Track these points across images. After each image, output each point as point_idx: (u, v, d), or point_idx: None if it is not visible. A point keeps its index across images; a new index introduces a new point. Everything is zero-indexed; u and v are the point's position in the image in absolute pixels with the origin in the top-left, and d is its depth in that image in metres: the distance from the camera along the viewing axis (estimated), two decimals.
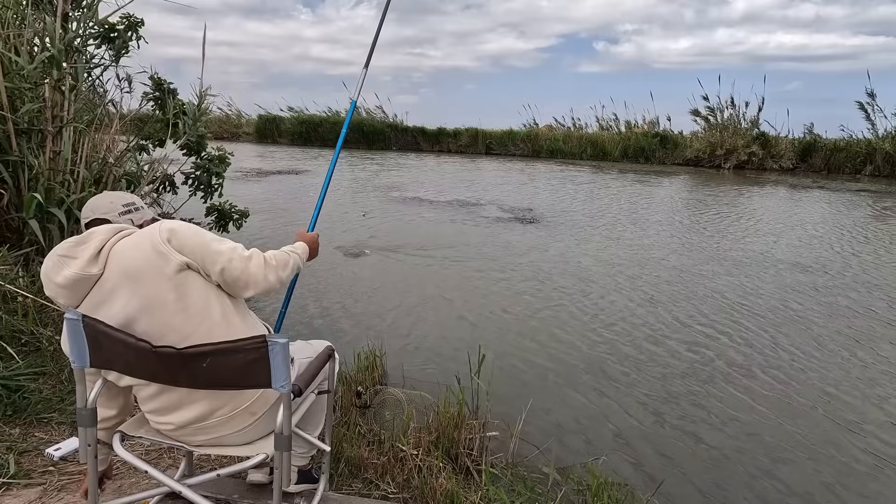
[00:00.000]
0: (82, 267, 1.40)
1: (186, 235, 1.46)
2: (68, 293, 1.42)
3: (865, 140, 17.85)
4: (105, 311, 1.42)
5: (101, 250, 1.43)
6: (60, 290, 1.41)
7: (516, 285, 5.60)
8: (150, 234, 1.45)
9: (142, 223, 1.61)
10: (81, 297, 1.43)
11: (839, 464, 2.85)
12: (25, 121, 3.40)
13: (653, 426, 3.13)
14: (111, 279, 1.42)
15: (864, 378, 3.78)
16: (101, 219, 1.56)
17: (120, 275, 1.42)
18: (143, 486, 2.02)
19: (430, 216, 9.21)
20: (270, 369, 1.35)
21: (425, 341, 4.19)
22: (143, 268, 1.42)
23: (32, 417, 2.38)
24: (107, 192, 1.67)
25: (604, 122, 22.50)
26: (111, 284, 1.42)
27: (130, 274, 1.42)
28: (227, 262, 1.47)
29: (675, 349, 4.16)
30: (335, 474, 2.23)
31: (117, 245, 1.45)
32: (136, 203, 1.64)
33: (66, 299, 1.43)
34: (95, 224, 1.54)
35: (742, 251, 7.24)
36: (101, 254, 1.43)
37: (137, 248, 1.43)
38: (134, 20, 4.15)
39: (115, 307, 1.42)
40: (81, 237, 1.45)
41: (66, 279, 1.40)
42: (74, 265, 1.40)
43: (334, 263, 6.13)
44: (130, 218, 1.59)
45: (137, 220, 1.61)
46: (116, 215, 1.57)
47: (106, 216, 1.56)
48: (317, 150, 21.25)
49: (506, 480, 2.40)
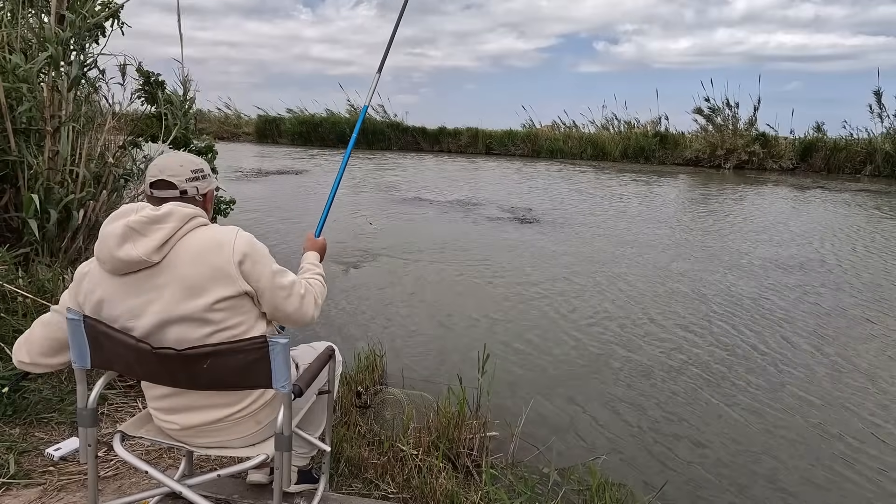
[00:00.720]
0: (147, 253, 1.35)
1: (259, 263, 1.44)
2: (121, 266, 1.37)
3: (866, 140, 17.84)
4: (145, 303, 1.38)
5: (170, 240, 1.38)
6: (116, 261, 1.36)
7: (516, 285, 5.60)
8: (220, 247, 1.41)
9: (206, 192, 1.55)
10: (128, 272, 1.39)
11: (840, 464, 2.85)
12: (23, 121, 3.40)
13: (653, 426, 3.13)
14: (165, 276, 1.38)
15: (866, 379, 3.78)
16: (167, 180, 1.47)
17: (176, 279, 1.38)
18: (143, 486, 2.01)
19: (430, 216, 9.21)
20: (271, 369, 1.35)
21: (425, 341, 4.19)
22: (203, 284, 1.38)
23: (32, 417, 2.38)
24: (177, 152, 1.61)
25: (604, 122, 22.49)
26: (163, 281, 1.38)
27: (187, 284, 1.38)
28: (285, 298, 1.51)
29: (676, 350, 4.16)
30: (335, 474, 2.23)
31: (186, 240, 1.41)
32: (205, 170, 1.56)
33: (113, 268, 1.38)
34: (161, 186, 1.47)
35: (741, 251, 7.24)
36: (168, 243, 1.38)
37: (203, 260, 1.39)
38: (114, 6, 3.97)
39: (156, 306, 1.38)
40: (156, 214, 1.38)
41: (128, 257, 1.35)
42: (141, 247, 1.35)
43: (334, 263, 6.13)
44: (196, 185, 1.51)
45: (203, 188, 1.54)
46: (184, 180, 1.49)
47: (173, 178, 1.48)
48: (316, 151, 21.24)
49: (506, 480, 2.40)
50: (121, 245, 1.35)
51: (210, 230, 1.46)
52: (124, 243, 1.35)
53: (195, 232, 1.43)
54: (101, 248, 1.38)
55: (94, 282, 1.43)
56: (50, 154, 3.53)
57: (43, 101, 3.49)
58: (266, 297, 1.48)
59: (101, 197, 3.77)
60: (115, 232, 1.36)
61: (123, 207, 1.43)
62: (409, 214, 9.30)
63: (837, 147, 18.05)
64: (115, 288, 1.40)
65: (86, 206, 3.67)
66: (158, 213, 1.39)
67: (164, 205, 1.42)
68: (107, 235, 1.37)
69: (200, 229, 1.45)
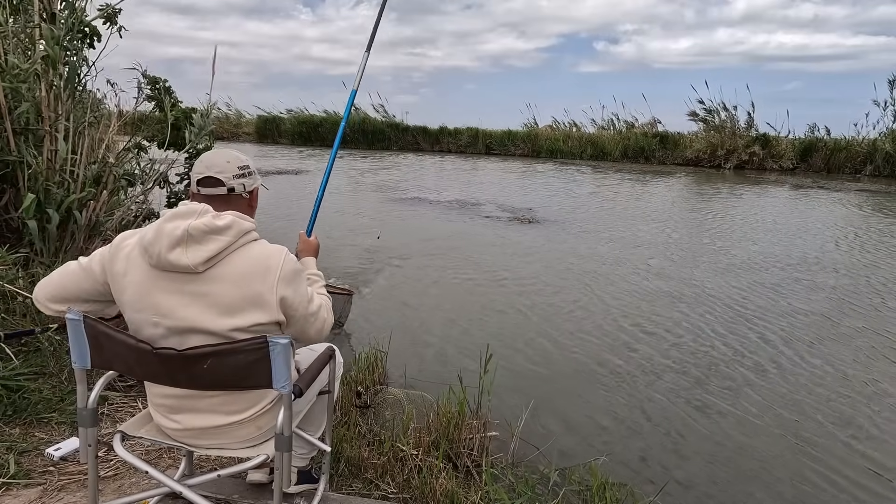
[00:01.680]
0: (196, 263, 1.33)
1: (298, 293, 1.45)
2: (167, 266, 1.34)
3: (866, 140, 17.84)
4: (177, 305, 1.37)
5: (222, 252, 1.36)
6: (164, 261, 1.33)
7: (516, 286, 5.60)
8: (266, 272, 1.39)
9: (252, 189, 1.55)
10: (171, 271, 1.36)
11: (840, 464, 2.84)
12: (22, 121, 3.39)
13: (653, 427, 3.13)
14: (205, 286, 1.36)
15: (869, 380, 3.78)
16: (214, 177, 1.46)
17: (215, 293, 1.36)
18: (144, 486, 2.01)
19: (431, 216, 9.21)
20: (271, 370, 1.35)
21: (425, 341, 4.19)
22: (240, 306, 1.37)
23: (32, 417, 2.38)
24: (223, 149, 1.59)
25: (603, 122, 22.50)
26: (202, 290, 1.36)
27: (225, 302, 1.36)
28: (311, 324, 1.53)
29: (676, 350, 4.16)
30: (335, 474, 2.23)
31: (235, 255, 1.39)
32: (251, 166, 1.55)
33: (157, 265, 1.35)
34: (208, 183, 1.46)
35: (740, 252, 7.24)
36: (218, 256, 1.36)
37: (247, 283, 1.37)
38: (111, 10, 3.90)
39: (187, 312, 1.36)
40: (217, 225, 1.36)
41: (178, 262, 1.33)
42: (192, 255, 1.33)
43: (335, 263, 6.13)
44: (243, 182, 1.50)
45: (249, 185, 1.53)
46: (231, 177, 1.48)
47: (220, 175, 1.47)
48: (317, 150, 21.23)
49: (506, 480, 2.40)
50: (173, 248, 1.33)
51: (259, 249, 1.43)
52: (177, 247, 1.33)
53: (245, 248, 1.41)
54: (152, 243, 1.34)
55: (130, 263, 1.39)
56: (49, 154, 3.53)
57: (41, 101, 3.49)
58: (297, 324, 1.50)
59: (101, 197, 3.77)
60: (174, 233, 1.33)
61: (184, 206, 1.40)
62: (409, 214, 9.30)
63: (837, 147, 18.06)
64: (151, 280, 1.37)
65: (86, 207, 3.67)
66: (219, 223, 1.37)
67: (226, 214, 1.40)
68: (162, 233, 1.34)
69: (251, 245, 1.43)
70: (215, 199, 1.47)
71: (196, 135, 4.56)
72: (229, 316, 1.37)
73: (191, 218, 1.36)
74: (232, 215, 1.41)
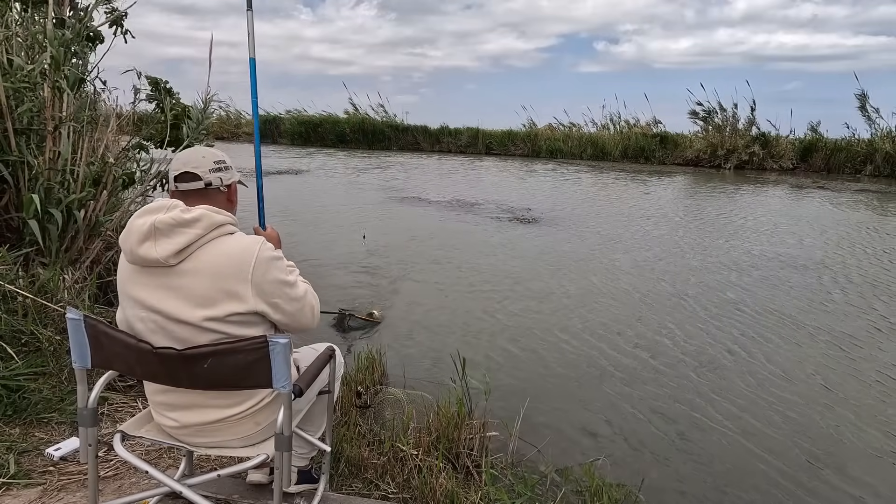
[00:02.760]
0: (165, 256, 1.35)
1: (276, 282, 1.45)
2: (139, 261, 1.38)
3: (866, 140, 17.85)
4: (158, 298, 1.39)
5: (191, 245, 1.38)
6: (135, 256, 1.37)
7: (515, 285, 5.60)
8: (239, 264, 1.40)
9: (230, 183, 1.56)
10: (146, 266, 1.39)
11: (841, 464, 2.85)
12: (24, 121, 3.39)
13: (652, 427, 3.13)
14: (180, 279, 1.38)
15: (872, 380, 3.78)
16: (190, 172, 1.49)
17: (189, 285, 1.38)
18: (144, 486, 2.02)
19: (430, 216, 9.21)
20: (271, 369, 1.35)
21: (425, 341, 4.19)
22: (214, 296, 1.39)
23: (32, 417, 2.38)
24: (199, 146, 1.61)
25: (603, 122, 22.52)
26: (177, 283, 1.38)
27: (199, 293, 1.38)
28: (298, 307, 1.52)
29: (675, 351, 4.16)
30: (335, 474, 2.23)
31: (208, 248, 1.40)
32: (227, 161, 1.57)
33: (132, 261, 1.39)
34: (185, 178, 1.49)
35: (739, 252, 7.24)
36: (187, 249, 1.38)
37: (220, 274, 1.39)
38: (118, 14, 3.86)
39: (166, 305, 1.39)
40: (184, 218, 1.37)
41: (147, 256, 1.36)
42: (161, 249, 1.35)
43: (336, 263, 6.14)
44: (220, 176, 1.52)
45: (226, 179, 1.54)
46: (207, 171, 1.50)
47: (196, 170, 1.49)
48: (316, 150, 21.24)
49: (506, 480, 2.40)
50: (142, 242, 1.36)
51: (234, 242, 1.44)
52: (145, 241, 1.36)
53: (219, 241, 1.42)
54: (124, 240, 1.39)
55: (120, 262, 1.46)
56: (51, 154, 3.53)
57: (44, 101, 3.49)
58: (286, 312, 1.50)
59: (101, 197, 3.77)
60: (141, 228, 1.36)
61: (156, 202, 1.43)
62: (409, 214, 9.30)
63: (838, 147, 18.06)
64: (131, 276, 1.43)
65: (86, 207, 3.67)
66: (187, 216, 1.38)
67: (197, 208, 1.41)
68: (132, 229, 1.37)
69: (225, 238, 1.44)
70: (193, 193, 1.49)
71: (194, 130, 4.55)
72: (203, 307, 1.38)
73: (160, 213, 1.38)
74: (203, 209, 1.42)
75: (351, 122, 23.50)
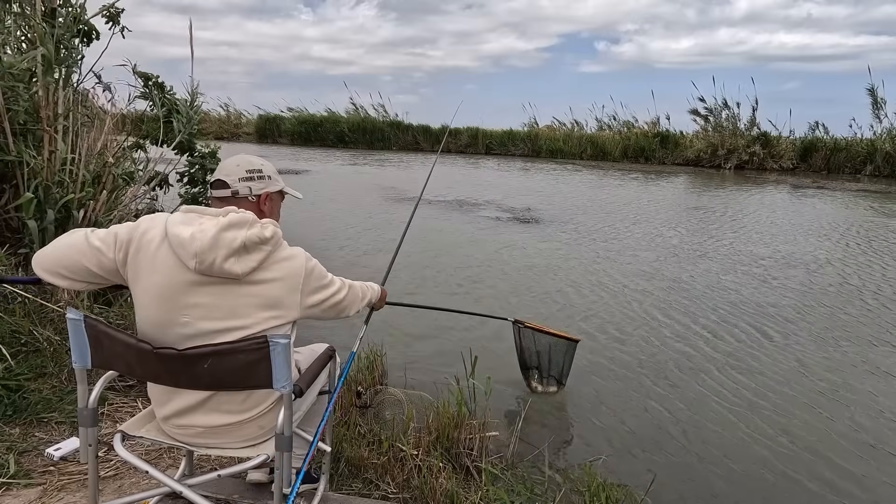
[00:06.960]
0: (245, 272, 1.39)
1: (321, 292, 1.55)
2: (211, 273, 1.37)
3: (866, 140, 17.85)
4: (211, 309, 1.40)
5: (263, 262, 1.42)
6: (215, 268, 1.36)
7: (514, 285, 5.60)
8: (292, 276, 1.46)
9: (261, 193, 1.54)
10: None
11: (841, 464, 2.84)
12: (20, 121, 3.39)
13: (651, 427, 3.13)
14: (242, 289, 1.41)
15: (872, 380, 3.78)
16: (222, 180, 1.51)
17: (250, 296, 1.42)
18: (144, 486, 2.01)
19: (431, 216, 9.20)
20: (271, 369, 1.35)
21: (425, 341, 4.19)
22: (270, 304, 1.43)
23: (32, 417, 2.38)
24: (240, 154, 1.60)
25: (604, 122, 22.54)
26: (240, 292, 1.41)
27: (258, 304, 1.42)
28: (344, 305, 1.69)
29: (677, 351, 4.16)
30: (335, 474, 2.23)
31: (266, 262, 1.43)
32: (264, 171, 1.56)
33: (201, 270, 1.37)
34: (217, 185, 1.51)
35: (739, 252, 7.24)
36: (260, 265, 1.41)
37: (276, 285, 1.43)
38: (114, 11, 3.85)
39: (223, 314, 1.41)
40: (265, 235, 1.40)
41: (230, 272, 1.37)
42: (243, 264, 1.38)
43: (336, 264, 6.13)
44: (249, 185, 1.52)
45: (257, 188, 1.53)
46: (236, 179, 1.51)
47: (226, 178, 1.51)
48: (316, 150, 21.24)
49: (506, 480, 2.40)
50: (228, 258, 1.36)
51: (285, 254, 1.47)
52: (231, 256, 1.36)
53: (275, 252, 1.46)
54: (206, 251, 1.35)
55: (159, 261, 1.39)
56: (48, 154, 3.53)
57: (38, 100, 3.48)
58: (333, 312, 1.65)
59: (100, 197, 3.77)
60: (232, 245, 1.36)
61: (235, 215, 1.41)
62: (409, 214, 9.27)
63: (838, 147, 18.07)
64: (185, 282, 1.39)
65: (85, 207, 3.67)
66: (267, 234, 1.41)
67: (266, 221, 1.45)
68: (221, 243, 1.36)
69: (279, 250, 1.47)
70: (222, 201, 1.51)
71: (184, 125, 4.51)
72: (260, 313, 1.43)
73: (244, 228, 1.39)
74: (272, 225, 1.46)
75: (351, 121, 23.51)
